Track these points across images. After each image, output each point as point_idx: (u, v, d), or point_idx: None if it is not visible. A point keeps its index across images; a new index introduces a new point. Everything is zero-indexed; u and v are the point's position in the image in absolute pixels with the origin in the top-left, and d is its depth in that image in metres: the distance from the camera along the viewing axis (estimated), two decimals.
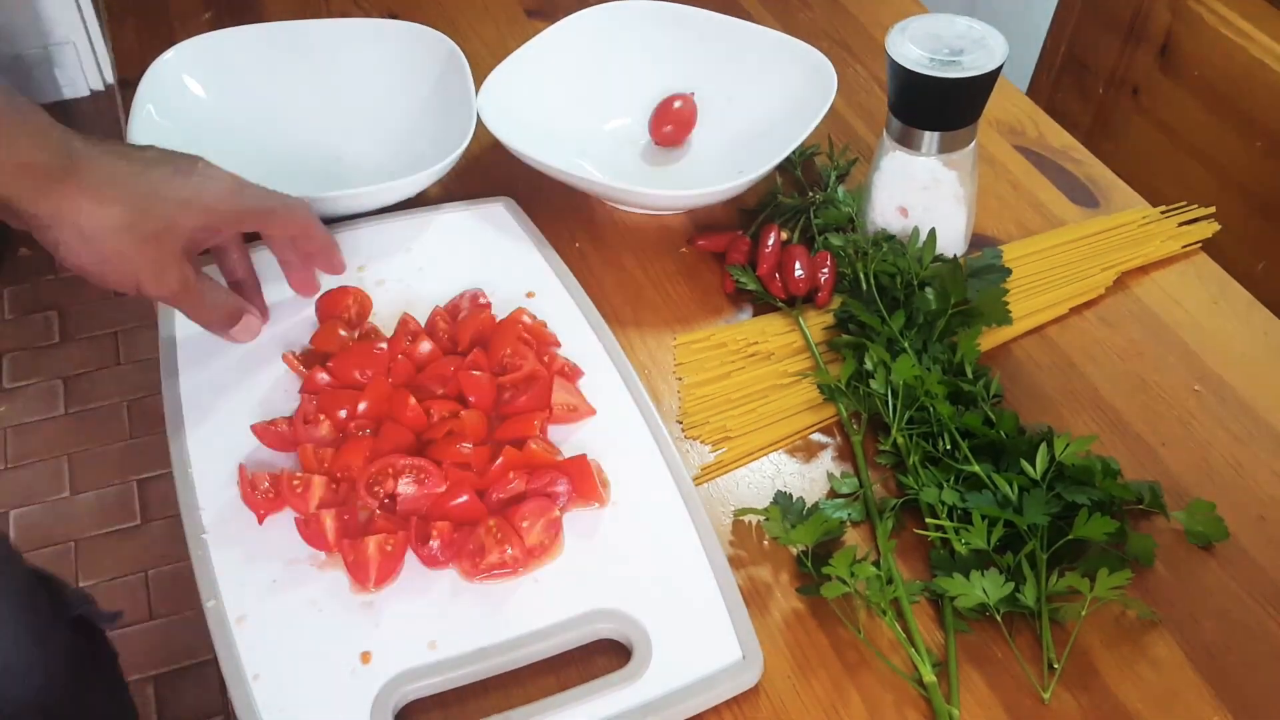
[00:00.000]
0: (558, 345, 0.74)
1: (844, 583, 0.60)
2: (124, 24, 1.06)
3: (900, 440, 0.69)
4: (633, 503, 0.65)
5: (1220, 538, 0.65)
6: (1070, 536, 0.61)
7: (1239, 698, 0.59)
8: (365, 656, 0.58)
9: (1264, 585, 0.64)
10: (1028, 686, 0.59)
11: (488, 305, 0.76)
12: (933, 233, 0.78)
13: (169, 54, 0.89)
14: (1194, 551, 0.66)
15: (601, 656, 0.60)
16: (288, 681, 0.57)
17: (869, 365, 0.71)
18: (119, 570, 1.65)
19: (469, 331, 0.73)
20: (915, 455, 0.68)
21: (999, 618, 0.61)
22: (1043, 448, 0.64)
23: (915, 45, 0.73)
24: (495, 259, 0.81)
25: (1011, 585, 0.60)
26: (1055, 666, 0.59)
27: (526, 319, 0.74)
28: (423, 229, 0.83)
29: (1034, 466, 0.64)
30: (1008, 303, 0.77)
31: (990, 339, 0.77)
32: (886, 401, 0.70)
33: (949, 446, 0.67)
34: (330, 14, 1.09)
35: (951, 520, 0.64)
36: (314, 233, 0.73)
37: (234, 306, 0.71)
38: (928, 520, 0.65)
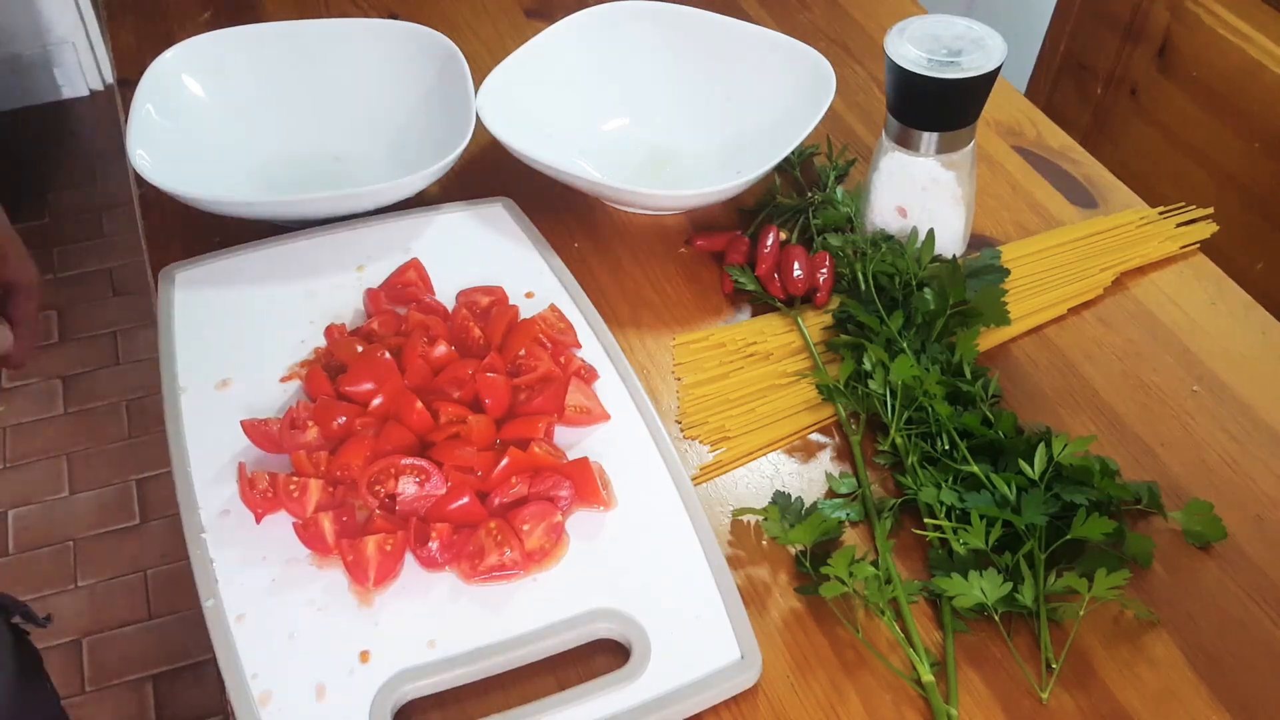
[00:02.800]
0: (578, 346, 0.74)
1: (842, 582, 0.60)
2: (124, 24, 1.06)
3: (899, 440, 0.69)
4: (631, 503, 0.65)
5: (1218, 538, 0.65)
6: (1068, 536, 0.61)
7: (1236, 697, 0.59)
8: (364, 656, 0.58)
9: (1262, 585, 0.64)
10: (1026, 686, 0.59)
11: (510, 303, 0.76)
12: (931, 233, 0.78)
13: (169, 54, 0.89)
14: (1192, 551, 0.66)
15: (601, 656, 0.60)
16: (287, 680, 0.57)
17: (867, 365, 0.71)
18: (118, 570, 1.65)
19: (499, 331, 0.73)
20: (914, 455, 0.68)
21: (997, 618, 0.61)
22: (1041, 448, 0.64)
23: (914, 46, 0.73)
24: (494, 259, 0.81)
25: (1010, 585, 0.60)
26: (1053, 666, 0.60)
27: (548, 318, 0.74)
28: (422, 229, 0.83)
29: (1032, 466, 0.64)
30: (1006, 303, 0.77)
31: (989, 339, 0.77)
32: (885, 402, 0.70)
33: (947, 446, 0.67)
34: (329, 14, 1.09)
35: (950, 520, 0.64)
36: (32, 307, 0.72)
37: None
38: (926, 520, 0.65)
